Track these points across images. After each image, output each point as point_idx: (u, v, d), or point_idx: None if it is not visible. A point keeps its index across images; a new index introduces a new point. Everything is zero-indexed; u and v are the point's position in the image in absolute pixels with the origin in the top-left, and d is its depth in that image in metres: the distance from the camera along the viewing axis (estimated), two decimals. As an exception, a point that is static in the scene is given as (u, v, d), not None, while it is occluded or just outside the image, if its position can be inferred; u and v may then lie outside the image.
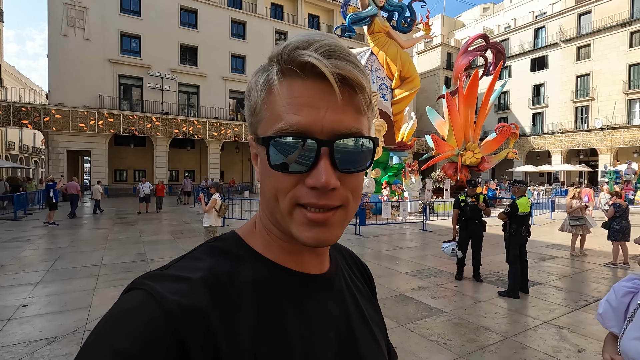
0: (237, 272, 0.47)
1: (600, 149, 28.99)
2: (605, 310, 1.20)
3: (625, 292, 1.16)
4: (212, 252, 0.50)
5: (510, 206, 5.10)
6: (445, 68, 39.16)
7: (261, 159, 0.48)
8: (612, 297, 1.19)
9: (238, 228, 0.55)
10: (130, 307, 0.41)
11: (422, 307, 4.51)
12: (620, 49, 28.63)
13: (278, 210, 0.47)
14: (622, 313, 1.16)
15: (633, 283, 1.17)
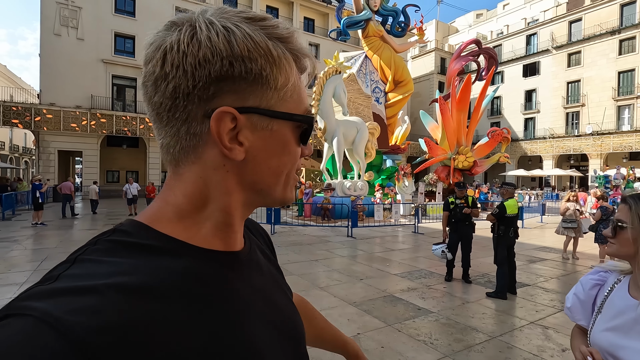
0: (154, 268, 0.40)
1: (591, 154, 29.42)
2: (573, 304, 1.22)
3: (592, 284, 1.18)
4: (115, 248, 0.41)
5: (498, 208, 5.16)
6: (439, 73, 39.53)
7: (281, 135, 0.46)
8: (580, 290, 1.21)
9: (135, 216, 0.47)
10: (13, 347, 0.29)
11: (411, 308, 4.53)
12: (610, 56, 29.16)
13: (280, 183, 0.48)
14: (590, 306, 1.18)
15: (599, 276, 1.19)
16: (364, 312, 4.33)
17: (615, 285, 1.13)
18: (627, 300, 1.06)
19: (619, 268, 1.15)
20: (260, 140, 0.45)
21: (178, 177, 0.45)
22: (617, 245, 1.07)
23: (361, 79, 17.75)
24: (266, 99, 0.44)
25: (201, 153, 0.44)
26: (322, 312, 4.29)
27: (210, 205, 0.46)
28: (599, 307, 1.13)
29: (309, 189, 14.81)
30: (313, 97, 13.24)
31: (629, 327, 1.02)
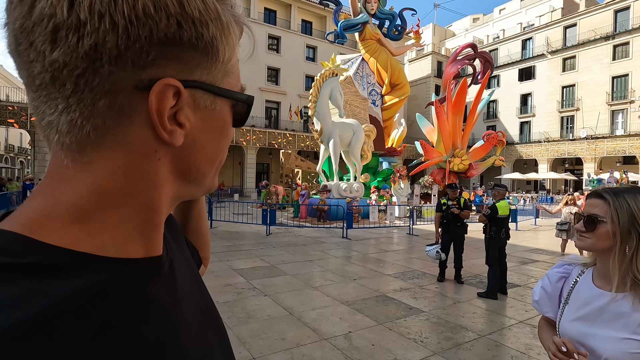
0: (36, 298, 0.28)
1: (585, 158, 29.69)
2: (541, 297, 1.26)
3: (558, 277, 1.23)
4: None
5: (490, 209, 5.23)
6: (435, 76, 39.79)
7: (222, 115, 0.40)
8: (547, 283, 1.25)
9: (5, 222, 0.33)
10: None
11: (402, 307, 4.58)
12: (603, 61, 29.50)
13: (213, 170, 0.42)
14: (557, 298, 1.23)
15: (564, 268, 1.24)
16: (356, 311, 4.37)
17: (579, 277, 1.18)
18: (592, 291, 1.11)
19: (582, 261, 1.21)
20: (201, 122, 0.37)
21: (82, 166, 0.33)
22: (593, 240, 1.08)
23: (358, 81, 17.87)
24: (212, 72, 0.37)
25: (124, 135, 0.33)
26: (314, 311, 4.34)
27: (131, 203, 0.36)
28: (566, 299, 1.18)
29: (305, 190, 14.87)
30: (310, 99, 13.33)
31: (596, 315, 1.08)
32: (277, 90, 30.47)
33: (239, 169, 31.13)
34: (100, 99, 0.31)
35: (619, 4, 28.83)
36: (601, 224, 1.07)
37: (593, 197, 1.14)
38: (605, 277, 1.10)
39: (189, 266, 0.51)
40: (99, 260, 0.33)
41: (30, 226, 0.32)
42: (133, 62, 0.31)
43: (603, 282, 1.11)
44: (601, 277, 1.13)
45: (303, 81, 31.72)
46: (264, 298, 4.78)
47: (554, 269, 1.27)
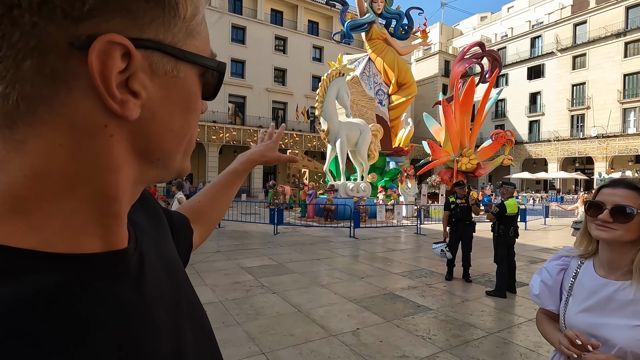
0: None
1: (596, 157, 29.23)
2: (541, 290, 1.25)
3: (558, 270, 1.23)
4: None
5: (498, 207, 5.21)
6: (443, 75, 39.53)
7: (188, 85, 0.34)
8: (547, 276, 1.24)
9: None
10: None
11: (410, 305, 4.58)
12: (615, 59, 29.02)
13: (181, 150, 0.36)
14: (558, 291, 1.22)
15: (562, 260, 1.24)
16: (364, 309, 4.39)
17: (579, 268, 1.18)
18: (596, 280, 1.11)
19: (579, 252, 1.21)
20: (162, 91, 0.31)
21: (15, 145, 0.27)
22: (621, 232, 1.04)
23: (364, 81, 17.86)
24: (172, 31, 0.30)
25: (63, 107, 0.27)
26: (321, 309, 4.36)
27: (81, 189, 0.29)
28: (569, 290, 1.18)
29: (312, 190, 14.91)
30: (316, 99, 13.37)
31: (603, 305, 1.08)
32: (283, 90, 30.59)
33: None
34: (25, 59, 0.25)
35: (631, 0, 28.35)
36: (632, 216, 1.03)
37: (620, 187, 1.09)
38: (610, 266, 1.10)
39: (166, 258, 0.44)
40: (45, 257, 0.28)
41: None
42: (64, 12, 0.25)
43: (607, 272, 1.11)
44: (604, 266, 1.12)
45: (310, 81, 31.79)
46: (272, 295, 4.82)
47: (552, 262, 1.26)
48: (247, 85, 28.81)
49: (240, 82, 28.66)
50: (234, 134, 27.07)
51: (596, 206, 1.10)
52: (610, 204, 1.07)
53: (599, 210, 1.08)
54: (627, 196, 1.06)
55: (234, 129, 27.10)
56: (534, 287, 1.29)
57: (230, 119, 28.51)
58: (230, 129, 26.92)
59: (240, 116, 29.12)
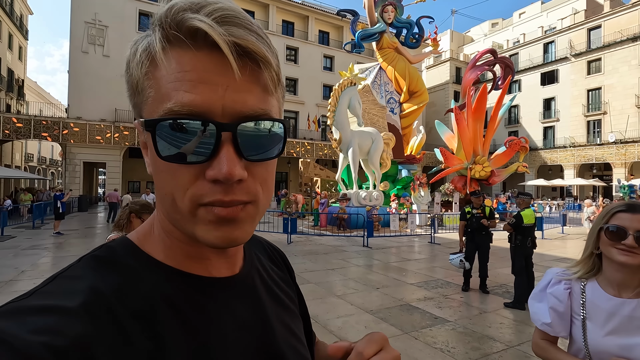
0: (127, 288, 0.38)
1: (614, 163, 28.52)
2: (553, 318, 1.21)
3: (567, 294, 1.20)
4: (95, 265, 0.40)
5: (515, 217, 5.16)
6: (454, 82, 39.35)
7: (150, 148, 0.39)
8: (556, 302, 1.21)
9: (131, 232, 0.47)
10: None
11: (427, 317, 4.56)
12: (631, 63, 28.46)
13: (177, 211, 0.39)
14: (568, 316, 1.20)
15: (565, 284, 1.21)
16: (381, 320, 4.39)
17: (583, 290, 1.17)
18: (611, 300, 1.11)
19: (578, 274, 1.20)
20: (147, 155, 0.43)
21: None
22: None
23: (376, 90, 17.94)
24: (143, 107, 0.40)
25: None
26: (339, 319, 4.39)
27: (172, 230, 0.44)
28: (583, 313, 1.15)
29: (325, 199, 14.95)
30: (328, 109, 13.49)
31: (627, 324, 1.08)
32: (295, 100, 30.91)
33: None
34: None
35: (647, 3, 27.87)
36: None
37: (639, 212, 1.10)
38: (621, 286, 1.11)
39: (270, 293, 0.52)
40: (166, 268, 0.43)
41: (139, 239, 0.45)
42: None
43: (617, 291, 1.11)
44: (613, 286, 1.13)
45: (321, 90, 32.07)
46: (289, 306, 4.85)
47: (557, 286, 1.22)
48: (259, 95, 29.19)
49: (253, 92, 29.07)
50: (246, 143, 27.36)
51: (617, 231, 1.10)
52: (633, 230, 1.07)
53: (621, 235, 1.09)
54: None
55: (246, 138, 27.40)
56: (542, 315, 1.23)
57: (243, 129, 28.87)
58: (242, 138, 27.23)
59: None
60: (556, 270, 1.28)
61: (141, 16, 25.38)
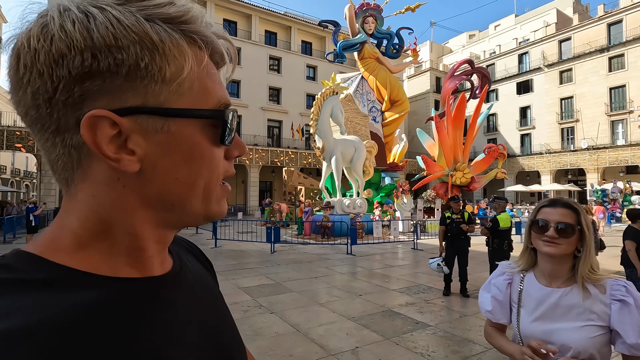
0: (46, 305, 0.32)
1: (588, 169, 29.66)
2: (494, 306, 1.34)
3: (506, 284, 1.32)
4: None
5: (491, 221, 5.29)
6: (434, 91, 40.36)
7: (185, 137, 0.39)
8: (497, 292, 1.33)
9: (23, 247, 0.39)
10: None
11: (409, 322, 4.59)
12: (600, 73, 29.88)
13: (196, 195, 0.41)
14: (507, 304, 1.32)
15: (507, 275, 1.34)
16: (363, 327, 4.38)
17: (522, 281, 1.29)
18: (541, 290, 1.23)
19: (519, 267, 1.33)
20: (158, 146, 0.38)
21: (71, 198, 0.39)
22: (565, 246, 1.18)
23: (358, 99, 18.20)
24: (153, 95, 0.36)
25: (87, 168, 0.37)
26: (320, 327, 4.37)
27: (114, 229, 0.39)
28: (518, 302, 1.28)
29: (309, 207, 14.94)
30: (311, 117, 13.58)
31: (552, 311, 1.20)
32: (278, 109, 31.00)
33: (242, 188, 31.30)
34: (56, 139, 0.36)
35: (612, 17, 29.45)
36: (574, 231, 1.18)
37: (558, 206, 1.24)
38: (551, 276, 1.23)
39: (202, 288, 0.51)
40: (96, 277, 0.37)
41: (43, 249, 0.37)
42: (64, 102, 0.34)
43: (549, 281, 1.24)
44: (546, 276, 1.25)
45: (304, 100, 32.29)
46: (271, 315, 4.80)
47: (499, 277, 1.35)
48: (242, 105, 29.18)
49: (236, 101, 29.02)
50: (229, 152, 27.21)
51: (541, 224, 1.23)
52: (554, 222, 1.20)
53: (545, 228, 1.21)
54: (566, 214, 1.20)
55: (229, 148, 27.26)
56: (485, 303, 1.36)
57: (226, 138, 28.73)
58: (225, 148, 27.08)
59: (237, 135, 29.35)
60: (505, 264, 1.39)
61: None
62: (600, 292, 1.15)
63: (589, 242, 1.19)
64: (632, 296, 1.11)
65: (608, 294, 1.14)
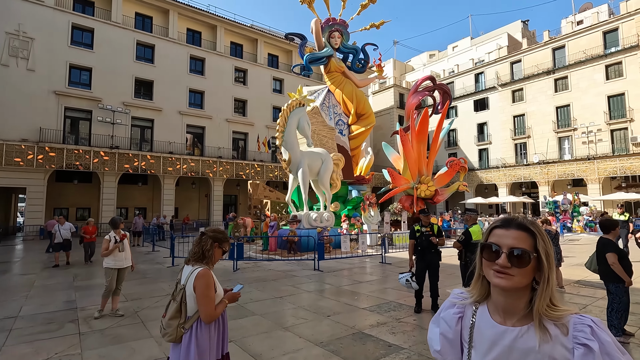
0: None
1: (539, 182, 31.56)
2: (442, 345, 1.09)
3: (456, 319, 1.08)
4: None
5: (464, 234, 5.16)
6: (398, 107, 41.60)
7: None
8: (446, 328, 1.10)
9: None
10: None
11: (381, 345, 4.27)
12: (547, 93, 32.26)
13: None
14: (458, 342, 1.08)
15: (458, 308, 1.09)
16: (332, 354, 4.00)
17: (474, 315, 1.05)
18: (494, 328, 1.00)
19: (471, 298, 1.08)
20: None
21: None
22: (519, 277, 0.95)
23: (325, 111, 18.13)
24: None
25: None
26: (285, 357, 3.89)
27: None
28: (469, 342, 1.04)
29: (274, 221, 14.42)
30: (277, 129, 13.23)
31: (506, 356, 0.96)
32: (244, 121, 30.36)
33: (205, 202, 30.01)
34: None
35: (556, 42, 32.07)
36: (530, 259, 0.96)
37: (512, 227, 0.99)
38: (506, 311, 1.00)
39: None
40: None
41: None
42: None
43: (503, 317, 1.00)
44: (499, 311, 1.01)
45: (270, 112, 31.93)
46: (229, 345, 4.28)
47: (448, 310, 1.11)
48: (206, 116, 28.26)
49: (199, 112, 28.08)
50: (192, 165, 26.08)
51: (494, 249, 0.99)
52: (506, 247, 0.97)
53: (497, 254, 0.97)
54: (520, 238, 0.97)
55: (191, 160, 26.15)
56: (434, 341, 1.11)
57: (188, 150, 27.58)
58: (187, 160, 25.94)
59: (199, 147, 28.29)
60: (457, 292, 1.13)
61: (74, 29, 23.59)
62: (562, 333, 0.92)
63: (548, 272, 0.95)
64: (597, 340, 0.88)
65: (570, 336, 0.91)
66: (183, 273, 2.30)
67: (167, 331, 2.17)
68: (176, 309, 2.17)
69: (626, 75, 27.85)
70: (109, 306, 5.72)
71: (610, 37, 29.25)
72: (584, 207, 21.94)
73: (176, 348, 2.16)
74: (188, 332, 2.13)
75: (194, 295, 2.15)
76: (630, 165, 26.82)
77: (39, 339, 4.54)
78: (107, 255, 5.61)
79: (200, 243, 2.29)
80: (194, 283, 2.16)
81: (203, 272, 2.19)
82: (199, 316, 2.16)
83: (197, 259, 2.27)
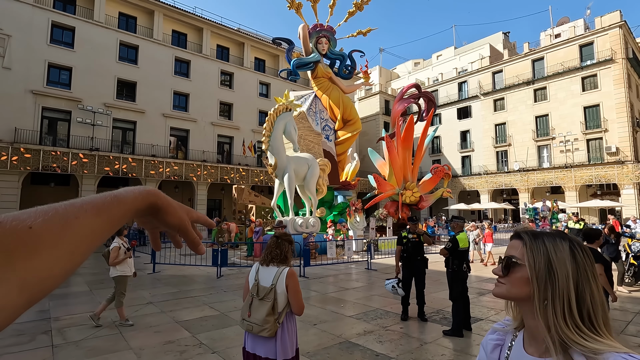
0: None
1: (520, 189, 32.38)
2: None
3: (493, 346, 1.03)
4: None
5: (451, 242, 5.18)
6: (384, 114, 42.07)
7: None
8: (482, 356, 1.05)
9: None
10: None
11: (369, 355, 4.20)
12: (527, 103, 33.26)
13: None
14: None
15: (497, 335, 1.04)
16: (319, 364, 3.91)
17: (512, 343, 0.99)
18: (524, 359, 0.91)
19: (513, 324, 1.01)
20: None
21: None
22: (507, 286, 0.91)
23: (311, 117, 18.11)
24: None
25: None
26: (271, 369, 3.70)
27: None
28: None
29: (259, 227, 14.23)
30: (263, 134, 13.11)
31: None
32: (230, 125, 30.04)
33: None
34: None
35: (535, 54, 33.17)
36: (516, 267, 0.90)
37: (513, 237, 0.98)
38: (537, 339, 0.89)
39: None
40: None
41: None
42: None
43: (534, 347, 0.89)
44: (531, 340, 0.92)
45: (256, 116, 31.71)
46: (212, 356, 4.14)
47: (488, 336, 1.06)
48: (190, 119, 27.82)
49: (184, 115, 27.62)
50: (175, 168, 25.56)
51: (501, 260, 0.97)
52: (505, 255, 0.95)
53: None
54: (513, 246, 0.95)
55: (175, 163, 25.63)
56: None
57: (172, 153, 27.04)
58: (171, 163, 25.41)
59: (183, 150, 27.79)
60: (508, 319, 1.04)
61: (54, 28, 22.90)
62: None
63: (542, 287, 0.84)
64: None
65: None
66: (263, 273, 2.59)
67: (266, 327, 2.43)
68: (270, 306, 2.46)
69: (601, 87, 29.01)
70: (109, 313, 5.47)
71: (586, 51, 30.47)
72: (562, 214, 22.59)
73: (266, 342, 2.44)
74: (280, 326, 2.47)
75: (285, 292, 2.49)
76: (605, 174, 27.85)
77: (7, 353, 4.28)
78: (117, 264, 5.42)
79: (280, 246, 2.61)
80: (285, 281, 2.50)
81: (292, 271, 2.59)
82: (286, 311, 2.51)
83: (280, 260, 2.59)
